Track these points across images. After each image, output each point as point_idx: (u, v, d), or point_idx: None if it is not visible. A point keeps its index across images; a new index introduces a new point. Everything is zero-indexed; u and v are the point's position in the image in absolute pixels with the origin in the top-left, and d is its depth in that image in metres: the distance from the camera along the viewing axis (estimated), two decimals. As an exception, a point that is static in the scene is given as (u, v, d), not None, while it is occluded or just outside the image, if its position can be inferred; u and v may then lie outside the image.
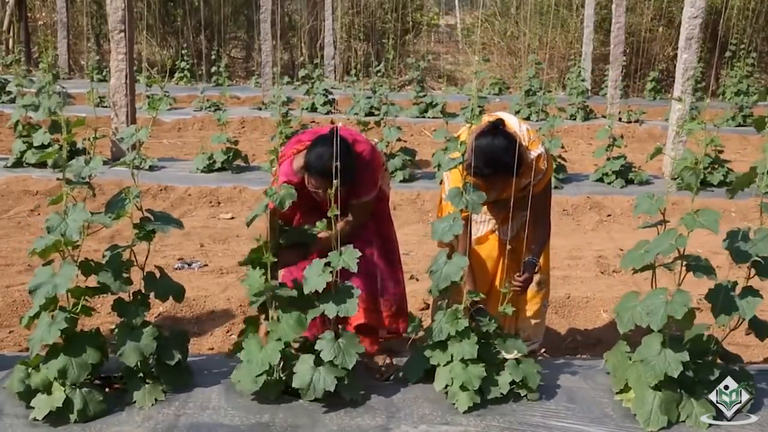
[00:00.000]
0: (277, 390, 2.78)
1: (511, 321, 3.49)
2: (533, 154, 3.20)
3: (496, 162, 2.98)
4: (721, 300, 2.69)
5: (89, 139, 2.77)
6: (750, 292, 2.72)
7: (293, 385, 2.75)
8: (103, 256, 2.81)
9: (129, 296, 2.84)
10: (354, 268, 2.74)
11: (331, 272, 2.74)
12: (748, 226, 2.77)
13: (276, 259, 2.88)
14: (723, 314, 2.68)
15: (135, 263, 2.84)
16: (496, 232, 3.50)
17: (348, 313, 2.74)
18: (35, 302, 2.64)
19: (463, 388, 2.74)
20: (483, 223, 3.49)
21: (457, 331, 2.79)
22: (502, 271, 3.51)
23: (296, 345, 2.99)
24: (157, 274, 2.92)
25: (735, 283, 2.74)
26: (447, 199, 2.89)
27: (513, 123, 3.23)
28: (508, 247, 3.25)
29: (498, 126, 3.09)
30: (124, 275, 2.79)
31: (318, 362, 2.76)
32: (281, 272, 3.29)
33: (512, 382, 2.80)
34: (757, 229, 2.73)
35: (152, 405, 2.73)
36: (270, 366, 2.72)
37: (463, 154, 2.88)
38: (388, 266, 3.39)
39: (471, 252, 3.20)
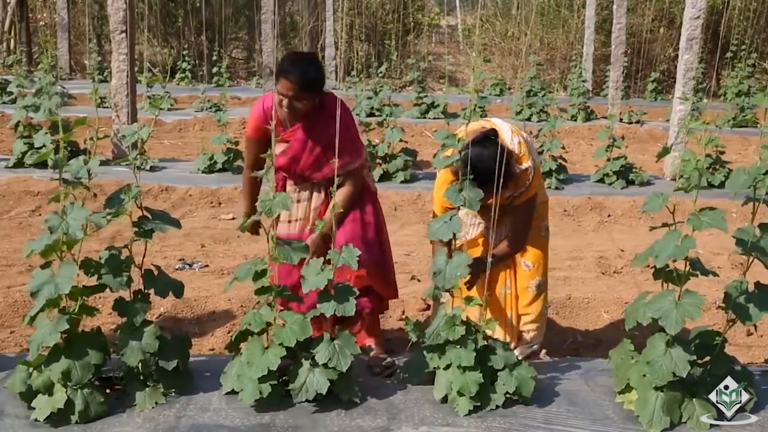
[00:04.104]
0: (278, 395, 2.74)
1: (512, 325, 3.48)
2: (522, 167, 3.21)
3: (484, 173, 2.96)
4: (734, 302, 2.65)
5: (91, 139, 2.77)
6: (765, 290, 2.69)
7: (289, 386, 2.75)
8: (100, 258, 2.80)
9: (130, 295, 2.84)
10: (354, 266, 2.74)
11: (330, 271, 2.73)
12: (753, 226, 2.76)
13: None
14: (744, 316, 2.63)
15: (134, 262, 2.84)
16: (486, 236, 3.50)
17: (346, 312, 2.74)
18: (37, 305, 2.63)
19: (460, 393, 2.73)
20: (473, 227, 3.47)
21: (455, 339, 2.77)
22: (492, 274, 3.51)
23: None
24: (155, 272, 2.91)
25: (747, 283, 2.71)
26: (444, 195, 2.88)
27: (506, 134, 3.23)
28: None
29: (490, 136, 3.08)
30: (125, 274, 2.78)
31: (314, 364, 2.75)
32: (277, 271, 3.16)
33: (506, 393, 2.76)
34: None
35: (152, 408, 2.73)
36: (269, 371, 2.68)
37: (460, 152, 2.87)
38: (361, 231, 3.36)
39: None
